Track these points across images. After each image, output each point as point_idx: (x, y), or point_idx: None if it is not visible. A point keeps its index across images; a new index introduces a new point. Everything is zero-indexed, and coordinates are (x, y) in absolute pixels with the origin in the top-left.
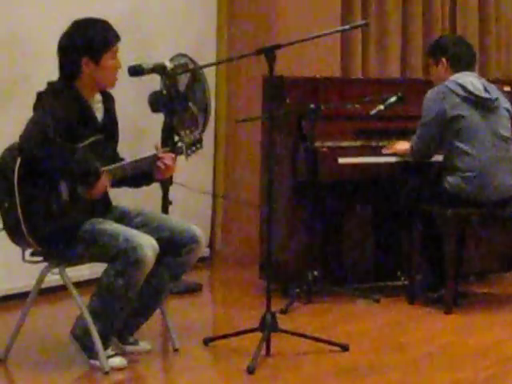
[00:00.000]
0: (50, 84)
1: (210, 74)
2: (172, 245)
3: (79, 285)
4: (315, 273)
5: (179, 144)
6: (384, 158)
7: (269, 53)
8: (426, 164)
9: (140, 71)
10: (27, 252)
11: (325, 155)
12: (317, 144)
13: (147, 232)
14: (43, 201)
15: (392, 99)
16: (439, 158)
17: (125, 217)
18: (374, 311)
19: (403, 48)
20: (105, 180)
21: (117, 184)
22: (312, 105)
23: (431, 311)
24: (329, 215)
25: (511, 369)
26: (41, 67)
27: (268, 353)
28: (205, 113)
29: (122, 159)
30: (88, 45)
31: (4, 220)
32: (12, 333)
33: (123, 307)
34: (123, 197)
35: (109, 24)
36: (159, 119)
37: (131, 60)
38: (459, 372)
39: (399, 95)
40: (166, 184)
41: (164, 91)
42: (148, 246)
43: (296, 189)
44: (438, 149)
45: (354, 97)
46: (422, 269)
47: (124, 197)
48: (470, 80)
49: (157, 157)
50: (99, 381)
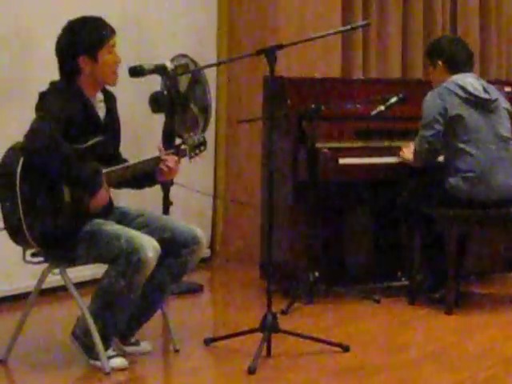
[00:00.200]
0: (53, 84)
1: (211, 75)
2: (173, 246)
3: (80, 285)
4: (316, 273)
5: (182, 146)
6: (385, 159)
7: (269, 53)
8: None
9: (141, 72)
10: (28, 252)
11: (325, 156)
12: (317, 144)
13: (148, 233)
14: (45, 201)
15: (393, 100)
16: (440, 159)
17: (126, 218)
18: (375, 312)
19: (404, 48)
20: (106, 192)
21: (119, 185)
22: (313, 105)
23: (432, 312)
24: (329, 216)
25: None
26: (42, 68)
27: (269, 353)
28: (205, 113)
29: (125, 160)
30: (82, 42)
31: (5, 220)
32: (13, 333)
33: (124, 308)
34: (124, 198)
35: (102, 20)
36: (160, 120)
37: (132, 61)
38: (460, 372)
39: (400, 96)
40: (167, 185)
41: (165, 92)
42: (149, 247)
43: (297, 189)
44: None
45: (355, 97)
46: (423, 269)
47: (125, 197)
48: (470, 81)
49: (160, 159)
50: (100, 381)
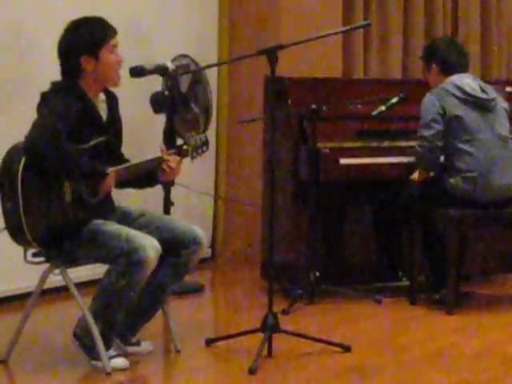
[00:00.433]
0: (54, 84)
1: (212, 75)
2: (174, 246)
3: (81, 286)
4: (317, 273)
5: (185, 147)
6: (385, 159)
7: (270, 53)
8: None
9: (142, 72)
10: (29, 253)
11: (326, 156)
12: (318, 145)
13: (149, 233)
14: (46, 201)
15: (394, 100)
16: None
17: (127, 217)
18: (376, 312)
19: (405, 48)
20: (110, 180)
21: (120, 185)
22: (314, 105)
23: (433, 312)
24: (330, 216)
25: None
26: (44, 68)
27: (270, 354)
28: (206, 113)
29: (127, 160)
30: (84, 41)
31: (7, 220)
32: (14, 333)
33: (125, 308)
34: (125, 197)
35: (104, 19)
36: (161, 120)
37: (133, 61)
38: (460, 373)
39: (401, 96)
40: (168, 185)
41: (166, 92)
42: (150, 247)
43: (298, 189)
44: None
45: (356, 97)
46: (424, 269)
47: (126, 198)
48: (467, 81)
49: (162, 159)
50: (101, 381)
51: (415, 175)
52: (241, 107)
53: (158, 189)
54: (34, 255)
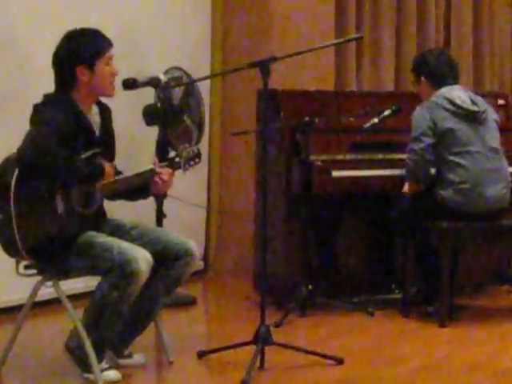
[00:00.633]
0: (47, 96)
1: (205, 88)
2: (166, 258)
3: (73, 298)
4: (309, 286)
5: (177, 159)
6: (378, 172)
7: (263, 66)
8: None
9: (134, 84)
10: (21, 265)
11: (319, 168)
12: (311, 157)
13: (141, 245)
14: (38, 214)
15: (386, 112)
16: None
17: (119, 230)
18: (369, 324)
19: (397, 61)
20: (109, 170)
21: (113, 197)
22: (306, 118)
23: (426, 324)
24: (323, 228)
25: (506, 382)
26: (37, 80)
27: (262, 366)
28: (199, 126)
29: (120, 172)
30: (80, 52)
31: None
32: (6, 346)
33: (117, 320)
34: (118, 210)
35: (100, 31)
36: (154, 132)
37: (126, 73)
38: None
39: (393, 108)
40: (161, 197)
41: (158, 104)
42: (142, 259)
43: (290, 202)
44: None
45: (349, 110)
46: (417, 282)
47: (119, 210)
48: (457, 94)
49: (154, 171)
50: None
51: (405, 188)
52: (233, 119)
53: (151, 201)
54: (26, 267)
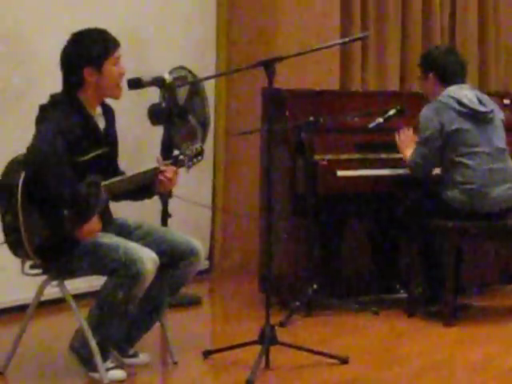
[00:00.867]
0: (53, 96)
1: (210, 87)
2: (171, 258)
3: (78, 297)
4: (314, 286)
5: (180, 157)
6: (383, 171)
7: (268, 65)
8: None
9: (139, 84)
10: (27, 264)
11: (324, 168)
12: (316, 157)
13: (147, 245)
14: (45, 214)
15: (391, 112)
16: (437, 171)
17: (125, 229)
18: (373, 324)
19: (402, 61)
20: (96, 224)
21: (117, 197)
22: (311, 117)
23: (430, 324)
24: (328, 228)
25: (510, 382)
26: (42, 81)
27: (267, 366)
28: (204, 125)
29: (123, 173)
30: (88, 53)
31: (5, 233)
32: (11, 345)
33: (122, 320)
34: (123, 209)
35: (107, 32)
36: (159, 132)
37: (130, 73)
38: None
39: (398, 108)
40: (166, 197)
41: (163, 104)
42: (148, 259)
43: (295, 201)
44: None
45: (353, 110)
46: (421, 281)
47: (124, 209)
48: (465, 93)
49: (158, 170)
50: None
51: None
52: (238, 119)
53: (156, 201)
54: (32, 267)
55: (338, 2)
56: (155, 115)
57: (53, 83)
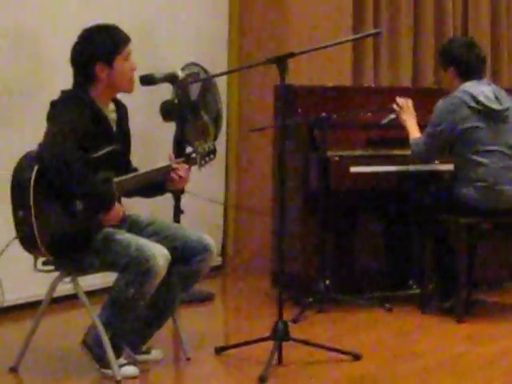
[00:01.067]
0: (64, 92)
1: (222, 84)
2: (184, 254)
3: (91, 294)
4: (327, 282)
5: (193, 155)
6: (396, 167)
7: (280, 62)
8: (438, 174)
9: (152, 80)
10: (39, 261)
11: (336, 164)
12: (328, 153)
13: (159, 241)
14: (57, 210)
15: None
16: (450, 168)
17: (137, 226)
18: (386, 320)
19: (415, 57)
20: (119, 209)
21: (129, 194)
22: (324, 114)
23: (443, 320)
24: (340, 224)
25: None
26: (53, 79)
27: (280, 362)
28: (217, 122)
29: (135, 169)
30: (99, 49)
31: (18, 229)
32: (24, 341)
33: (135, 316)
34: (135, 206)
35: (117, 27)
36: (171, 128)
37: (143, 69)
38: (472, 381)
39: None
40: (178, 193)
41: (176, 100)
42: (160, 256)
43: (308, 198)
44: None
45: (366, 105)
46: (434, 278)
47: (136, 206)
48: (482, 90)
49: (171, 168)
50: None
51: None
52: (250, 115)
53: (168, 197)
54: (44, 264)
55: None
56: (167, 112)
57: (64, 80)
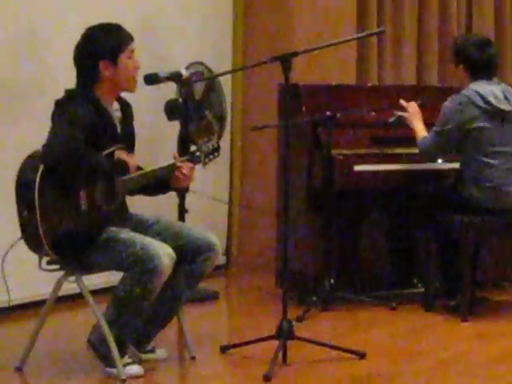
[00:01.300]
0: (68, 91)
1: (226, 82)
2: (188, 253)
3: (95, 293)
4: (331, 280)
5: (197, 153)
6: (400, 166)
7: (284, 60)
8: (443, 172)
9: (156, 79)
10: (44, 260)
11: (341, 163)
12: (333, 152)
13: (164, 240)
14: (62, 210)
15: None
16: (455, 166)
17: (142, 225)
18: (391, 319)
19: (419, 55)
20: (134, 160)
21: (133, 193)
22: (328, 112)
23: (447, 319)
24: (345, 223)
25: None
26: (58, 77)
27: (284, 361)
28: (221, 121)
29: (140, 168)
30: (103, 47)
31: (23, 228)
32: (29, 340)
33: (139, 315)
34: (140, 205)
35: (119, 25)
36: (175, 127)
37: (147, 68)
38: (476, 380)
39: (418, 102)
40: (183, 192)
41: (180, 99)
42: (165, 255)
43: (312, 196)
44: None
45: (370, 104)
46: (438, 276)
47: (141, 205)
48: (491, 89)
49: (175, 166)
50: None
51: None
52: (255, 114)
53: (173, 196)
54: (49, 263)
55: None
56: (172, 110)
57: (68, 79)
